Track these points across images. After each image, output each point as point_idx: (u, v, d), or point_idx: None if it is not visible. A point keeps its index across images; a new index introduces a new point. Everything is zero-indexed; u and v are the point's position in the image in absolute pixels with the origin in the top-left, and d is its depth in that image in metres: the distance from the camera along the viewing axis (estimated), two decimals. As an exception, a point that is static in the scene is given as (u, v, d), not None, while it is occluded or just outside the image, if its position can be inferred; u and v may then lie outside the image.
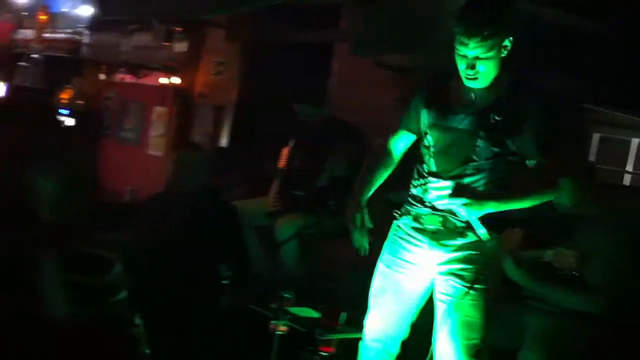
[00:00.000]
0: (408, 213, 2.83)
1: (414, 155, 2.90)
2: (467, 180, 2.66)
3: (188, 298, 3.56)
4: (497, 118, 2.61)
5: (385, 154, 2.95)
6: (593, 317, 3.21)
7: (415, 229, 2.80)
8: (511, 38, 2.57)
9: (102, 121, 8.47)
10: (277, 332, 3.06)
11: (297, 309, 3.23)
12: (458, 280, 2.70)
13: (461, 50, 2.56)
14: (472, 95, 2.67)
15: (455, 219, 2.71)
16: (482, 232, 2.65)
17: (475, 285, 2.68)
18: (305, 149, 4.77)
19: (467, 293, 2.68)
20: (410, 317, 2.88)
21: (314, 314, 3.29)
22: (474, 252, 2.70)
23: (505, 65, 2.63)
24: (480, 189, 2.66)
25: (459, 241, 2.72)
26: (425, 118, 2.77)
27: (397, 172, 3.01)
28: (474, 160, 2.65)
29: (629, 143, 6.31)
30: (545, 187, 2.72)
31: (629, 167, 6.27)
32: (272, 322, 3.06)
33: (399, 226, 2.88)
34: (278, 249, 4.44)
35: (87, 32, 8.72)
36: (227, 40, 6.90)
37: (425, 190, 2.76)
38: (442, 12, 4.72)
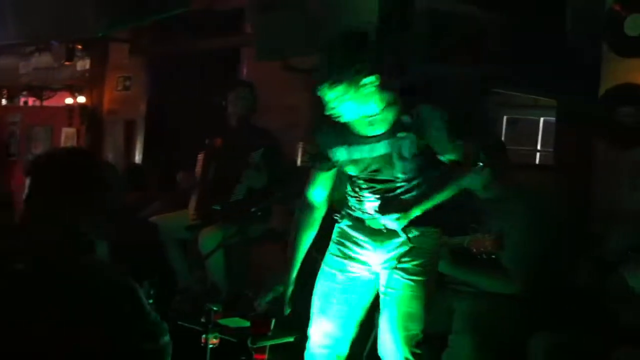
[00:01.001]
0: (349, 216, 2.88)
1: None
2: (399, 191, 2.72)
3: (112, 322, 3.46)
4: (401, 135, 2.66)
5: (309, 209, 2.93)
6: (513, 298, 3.30)
7: (358, 231, 2.85)
8: (372, 78, 2.56)
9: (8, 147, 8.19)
10: (209, 346, 3.01)
11: (227, 320, 3.19)
12: (399, 273, 2.76)
13: (320, 94, 2.59)
14: (369, 124, 2.70)
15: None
16: (404, 234, 2.73)
17: (416, 278, 2.74)
18: (221, 158, 4.71)
19: (407, 285, 2.74)
20: (358, 317, 2.90)
21: (243, 323, 3.26)
22: (414, 247, 2.76)
23: (386, 94, 2.66)
24: (413, 194, 2.72)
25: (401, 239, 2.77)
26: (336, 156, 2.80)
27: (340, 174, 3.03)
28: (399, 177, 2.72)
29: (538, 123, 6.52)
30: (459, 174, 2.77)
31: (539, 146, 6.49)
32: (203, 336, 3.01)
33: (341, 229, 2.92)
34: (204, 262, 4.38)
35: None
36: (131, 54, 6.78)
37: (360, 202, 2.82)
38: (339, 13, 4.79)
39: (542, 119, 6.37)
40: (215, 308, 2.98)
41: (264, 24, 4.58)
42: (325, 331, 2.87)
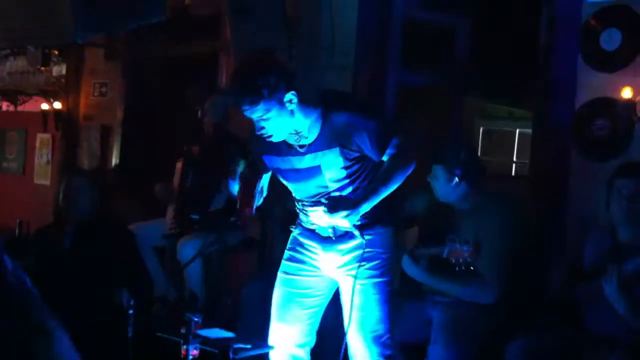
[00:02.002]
0: (300, 225, 2.97)
1: None
2: (341, 193, 2.76)
3: (92, 331, 3.44)
4: (325, 145, 2.69)
5: None
6: (489, 306, 3.34)
7: (309, 238, 2.92)
8: (292, 93, 2.59)
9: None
10: (189, 357, 3.00)
11: (207, 331, 3.18)
12: (355, 277, 2.79)
13: (245, 114, 2.61)
14: (297, 137, 2.72)
15: (345, 228, 2.81)
16: (359, 234, 2.76)
17: (374, 280, 2.80)
18: (199, 167, 4.70)
19: (366, 288, 2.79)
20: (316, 321, 2.96)
21: (224, 334, 3.25)
22: (367, 250, 2.79)
23: (307, 109, 2.68)
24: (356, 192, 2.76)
25: (352, 242, 2.82)
26: (267, 162, 2.86)
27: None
28: (328, 186, 2.76)
29: (514, 134, 6.61)
30: (399, 165, 2.75)
31: (515, 157, 6.57)
32: (183, 347, 3.00)
33: (294, 237, 3.01)
34: (181, 271, 4.37)
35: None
36: (107, 60, 6.73)
37: (304, 212, 2.90)
38: (313, 14, 4.81)
39: (517, 131, 6.47)
40: (195, 319, 2.97)
41: (240, 28, 4.59)
42: (285, 338, 2.93)
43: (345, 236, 2.83)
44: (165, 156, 5.41)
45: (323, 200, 2.70)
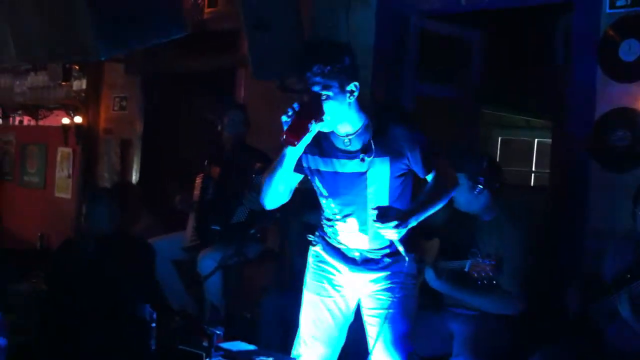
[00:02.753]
0: (325, 242, 2.92)
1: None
2: (371, 217, 2.69)
3: (115, 344, 3.47)
4: (376, 153, 2.67)
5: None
6: (511, 319, 3.34)
7: (333, 256, 2.90)
8: (356, 83, 2.63)
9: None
10: (211, 370, 3.02)
11: (229, 344, 3.20)
12: (386, 294, 2.80)
13: (307, 82, 2.60)
14: (346, 139, 2.72)
15: (371, 254, 2.82)
16: (402, 249, 2.74)
17: (402, 296, 2.79)
18: (220, 180, 4.73)
19: (393, 305, 2.78)
20: (342, 341, 2.95)
21: (246, 346, 3.27)
22: (392, 271, 2.81)
23: (363, 109, 2.70)
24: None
25: (377, 267, 2.84)
26: (307, 162, 2.80)
27: (310, 194, 3.03)
28: (367, 197, 2.73)
29: (532, 144, 6.58)
30: (447, 185, 2.77)
31: (534, 167, 6.55)
32: (206, 359, 3.02)
33: (317, 252, 2.96)
34: (201, 284, 4.39)
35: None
36: (127, 74, 6.80)
37: (335, 232, 2.86)
38: (330, 29, 4.85)
39: (536, 140, 6.45)
40: (217, 332, 2.99)
41: (259, 43, 4.62)
42: (320, 356, 2.91)
43: (371, 262, 2.83)
44: (185, 169, 5.45)
45: (372, 208, 2.64)
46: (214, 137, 5.02)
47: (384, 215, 2.58)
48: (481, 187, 3.41)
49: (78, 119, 7.09)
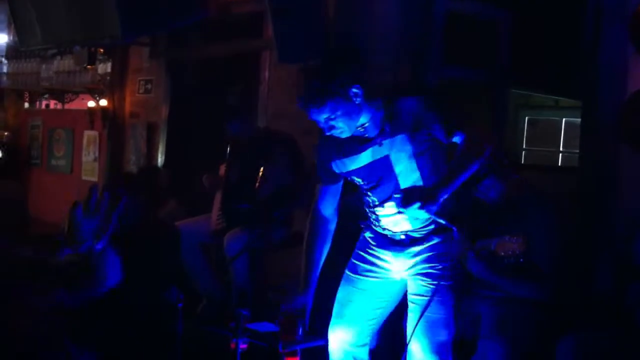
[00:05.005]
0: (371, 228, 2.92)
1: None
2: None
3: (142, 326, 3.51)
4: (393, 132, 2.68)
5: (319, 222, 2.94)
6: (540, 302, 3.30)
7: (380, 242, 2.88)
8: (357, 86, 2.62)
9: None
10: (239, 351, 3.03)
11: (256, 325, 3.21)
12: (425, 279, 2.77)
13: (312, 118, 2.64)
14: (361, 129, 2.72)
15: (416, 234, 2.80)
16: (444, 222, 2.67)
17: (441, 282, 2.74)
18: (243, 161, 4.73)
19: (433, 291, 2.73)
20: (377, 324, 2.92)
21: (273, 327, 3.27)
22: (439, 252, 2.78)
23: (372, 101, 2.70)
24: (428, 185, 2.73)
25: (423, 245, 2.80)
26: (337, 168, 2.83)
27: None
28: (398, 178, 2.73)
29: (560, 124, 6.50)
30: (470, 151, 2.72)
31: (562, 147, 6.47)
32: (233, 340, 3.03)
33: (363, 237, 2.96)
34: (228, 266, 4.40)
35: (4, 60, 8.48)
36: (152, 58, 6.82)
37: (377, 219, 2.85)
38: (353, 14, 4.81)
39: (564, 120, 6.37)
40: (245, 313, 3.00)
41: (283, 26, 4.61)
42: (345, 338, 2.89)
43: (417, 240, 2.80)
44: (210, 152, 5.46)
45: (395, 195, 2.65)
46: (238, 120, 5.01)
47: (407, 197, 2.58)
48: (488, 181, 3.38)
49: (103, 103, 7.14)
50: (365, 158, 2.75)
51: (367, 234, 2.94)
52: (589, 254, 3.71)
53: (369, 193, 2.83)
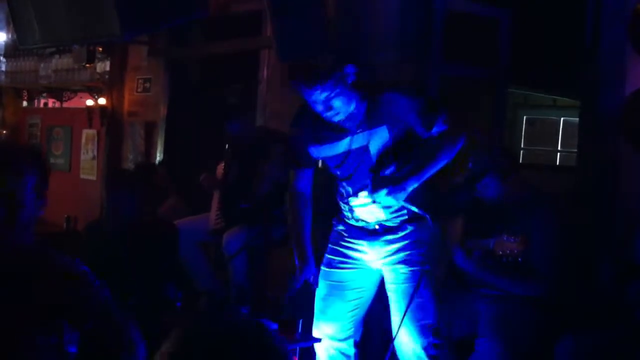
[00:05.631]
0: (344, 222, 2.97)
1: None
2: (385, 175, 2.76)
3: (140, 323, 3.49)
4: (373, 124, 2.74)
5: (302, 199, 3.02)
6: (539, 301, 3.30)
7: (354, 234, 2.94)
8: (350, 65, 2.69)
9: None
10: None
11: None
12: (403, 266, 2.83)
13: (312, 101, 2.69)
14: (344, 118, 2.76)
15: (390, 223, 2.84)
16: (416, 210, 2.75)
17: (419, 268, 2.80)
18: (242, 159, 4.73)
19: (412, 276, 2.80)
20: (358, 315, 2.96)
21: (271, 325, 3.27)
22: (414, 240, 2.83)
23: (359, 90, 2.75)
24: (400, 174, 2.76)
25: (398, 233, 2.85)
26: (314, 153, 2.90)
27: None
28: (376, 167, 2.78)
29: (558, 123, 6.50)
30: (447, 141, 2.79)
31: (559, 147, 6.47)
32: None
33: (337, 232, 3.02)
34: (226, 264, 4.40)
35: (2, 59, 8.47)
36: (150, 56, 6.81)
37: (351, 210, 2.90)
38: (354, 11, 4.80)
39: (562, 119, 6.38)
40: (244, 310, 3.00)
41: (283, 25, 4.60)
42: (329, 332, 2.94)
43: (391, 229, 2.84)
44: (209, 152, 5.46)
45: (364, 204, 2.74)
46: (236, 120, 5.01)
47: (375, 185, 2.66)
48: (486, 179, 3.38)
49: (102, 101, 7.13)
50: (342, 146, 2.80)
51: (340, 227, 2.99)
52: (589, 253, 3.71)
53: (343, 183, 2.87)
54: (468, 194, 3.58)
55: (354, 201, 2.85)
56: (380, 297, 3.03)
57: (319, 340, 3.00)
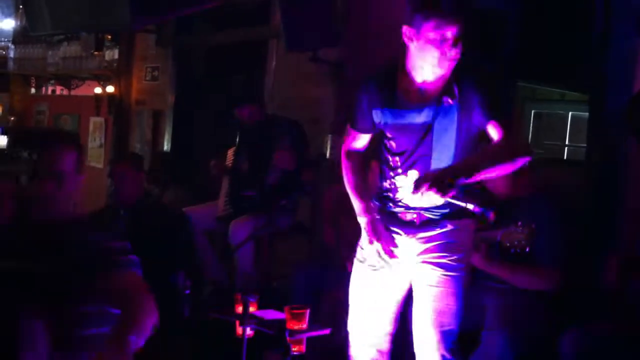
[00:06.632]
0: (381, 209, 2.80)
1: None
2: (433, 168, 2.62)
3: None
4: (450, 101, 2.61)
5: (353, 155, 2.89)
6: (544, 293, 3.31)
7: (389, 222, 2.77)
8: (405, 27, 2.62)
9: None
10: (245, 337, 3.05)
11: (262, 312, 3.22)
12: (437, 268, 2.70)
13: (437, 36, 2.55)
14: (419, 88, 2.66)
15: (430, 213, 2.70)
16: (464, 205, 2.55)
17: (453, 273, 2.69)
18: (250, 147, 4.75)
19: (445, 281, 2.69)
20: (395, 310, 2.85)
21: (279, 315, 3.29)
22: (450, 241, 2.71)
23: None
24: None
25: (436, 230, 2.71)
26: (378, 117, 2.73)
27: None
28: (433, 149, 2.64)
29: (566, 117, 6.48)
30: (508, 155, 2.61)
31: (567, 141, 6.45)
32: (239, 327, 3.05)
33: None
34: (233, 253, 4.42)
35: (11, 45, 8.47)
36: (158, 45, 6.82)
37: (394, 190, 2.73)
38: (360, 4, 4.80)
39: (570, 114, 6.36)
40: (252, 299, 3.01)
41: (292, 15, 4.60)
42: (366, 329, 2.84)
43: (430, 223, 2.71)
44: (216, 140, 5.48)
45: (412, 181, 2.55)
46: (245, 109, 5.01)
47: (419, 183, 2.49)
48: None
49: (110, 89, 7.14)
50: (412, 116, 2.66)
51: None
52: (595, 247, 3.71)
53: (396, 157, 2.72)
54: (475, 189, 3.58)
55: (400, 180, 2.68)
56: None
57: (328, 330, 2.98)
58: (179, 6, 4.42)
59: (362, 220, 2.79)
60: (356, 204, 2.83)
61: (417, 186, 2.50)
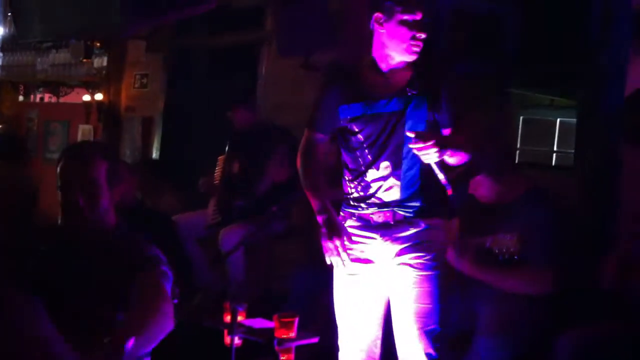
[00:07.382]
0: (352, 215, 2.80)
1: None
2: (405, 160, 2.68)
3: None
4: (414, 92, 2.67)
5: (309, 158, 2.86)
6: (536, 299, 3.29)
7: (363, 228, 2.77)
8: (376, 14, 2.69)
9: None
10: (233, 346, 3.01)
11: (251, 321, 3.19)
12: (411, 269, 2.72)
13: (409, 18, 2.63)
14: (385, 77, 2.71)
15: (404, 210, 2.72)
16: (442, 176, 2.63)
17: (428, 272, 2.71)
18: (241, 156, 4.73)
19: (421, 281, 2.70)
20: (381, 315, 2.85)
21: (267, 324, 3.26)
22: (424, 241, 2.73)
23: None
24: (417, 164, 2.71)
25: (410, 230, 2.73)
26: (345, 114, 2.74)
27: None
28: (407, 139, 2.66)
29: (554, 123, 6.50)
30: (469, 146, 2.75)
31: (555, 147, 6.48)
32: (228, 336, 3.01)
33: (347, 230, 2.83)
34: (224, 260, 4.39)
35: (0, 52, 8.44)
36: (149, 52, 6.79)
37: (366, 187, 2.74)
38: (356, 7, 4.78)
39: (558, 120, 6.39)
40: (240, 308, 2.98)
41: (285, 19, 4.59)
42: (356, 341, 2.83)
43: (404, 222, 2.73)
44: (207, 148, 5.44)
45: (408, 134, 2.61)
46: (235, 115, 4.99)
47: (424, 135, 2.55)
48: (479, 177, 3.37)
49: (99, 96, 7.11)
50: (380, 105, 2.69)
51: (348, 223, 2.82)
52: (589, 251, 3.70)
53: (365, 152, 2.73)
54: (463, 193, 3.57)
55: (371, 174, 2.71)
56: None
57: (316, 338, 2.96)
58: (170, 12, 4.41)
59: (319, 219, 2.75)
60: (313, 204, 2.78)
61: (422, 137, 2.54)
